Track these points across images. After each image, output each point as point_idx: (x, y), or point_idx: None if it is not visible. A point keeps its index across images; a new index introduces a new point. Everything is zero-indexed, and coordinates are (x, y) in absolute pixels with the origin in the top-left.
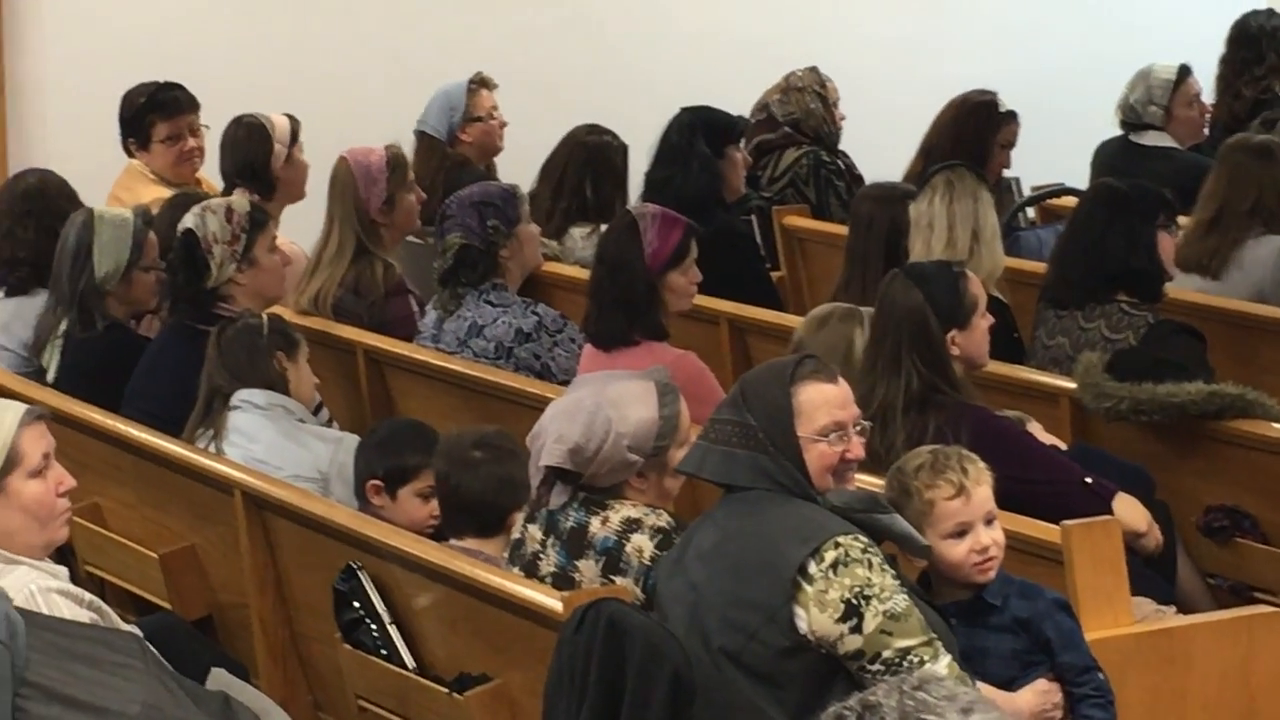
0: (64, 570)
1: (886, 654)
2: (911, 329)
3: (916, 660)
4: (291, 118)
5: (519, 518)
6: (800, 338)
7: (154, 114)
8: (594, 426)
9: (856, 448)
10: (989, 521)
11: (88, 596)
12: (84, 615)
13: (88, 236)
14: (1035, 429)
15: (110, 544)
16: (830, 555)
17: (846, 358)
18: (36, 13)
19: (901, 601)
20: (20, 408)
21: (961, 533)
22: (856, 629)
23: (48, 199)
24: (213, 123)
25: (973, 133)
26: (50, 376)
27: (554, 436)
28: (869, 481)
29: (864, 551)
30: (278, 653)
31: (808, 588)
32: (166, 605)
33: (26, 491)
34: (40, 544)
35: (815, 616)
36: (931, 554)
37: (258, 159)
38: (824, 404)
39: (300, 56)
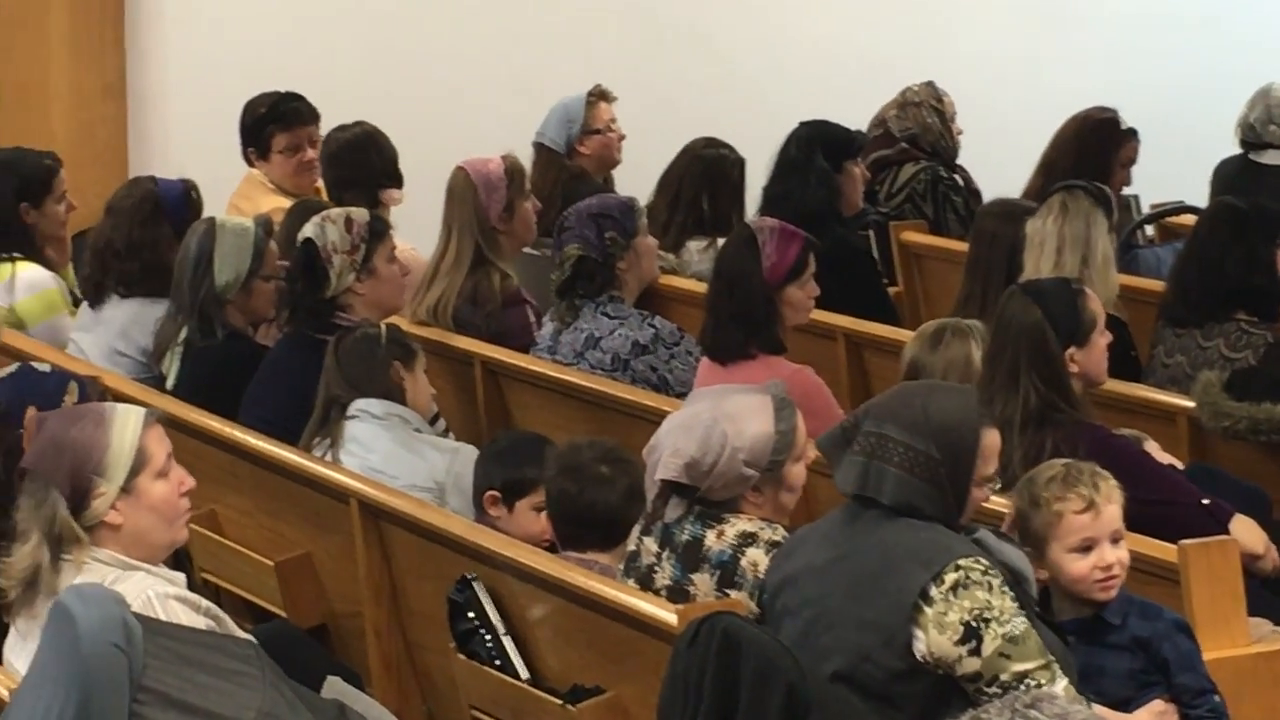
0: (181, 576)
1: (1004, 677)
2: (1030, 346)
3: (1034, 684)
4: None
5: (635, 530)
6: (915, 356)
7: (274, 124)
8: (710, 440)
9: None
10: (1115, 540)
11: (204, 603)
12: (201, 622)
13: (209, 245)
14: (1152, 448)
15: (226, 551)
16: (951, 577)
17: (966, 374)
18: (159, 21)
19: (1021, 624)
20: (140, 410)
21: (1087, 548)
22: (975, 651)
23: (156, 206)
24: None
25: (1095, 150)
26: (169, 384)
27: (670, 450)
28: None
29: (984, 574)
30: (392, 662)
31: (928, 610)
32: (282, 613)
33: (155, 491)
34: (167, 543)
35: (934, 638)
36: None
37: (384, 167)
38: (994, 450)
39: (417, 68)
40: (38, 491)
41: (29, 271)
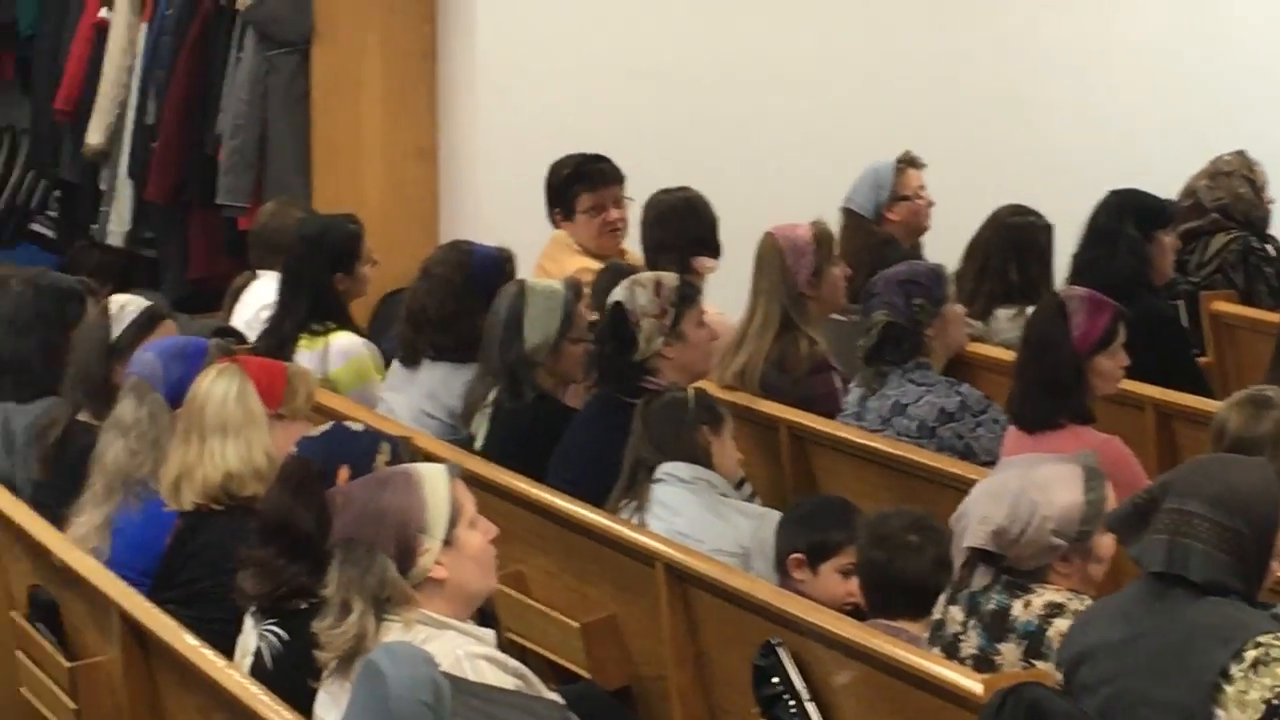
0: (491, 635)
1: None
2: None
3: None
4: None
5: (941, 599)
6: (1238, 428)
7: (579, 185)
8: (1019, 508)
9: None
10: None
11: (513, 663)
12: (509, 682)
13: (519, 308)
14: None
15: (533, 612)
16: (1251, 654)
17: None
18: (470, 86)
19: None
20: (441, 466)
21: None
22: None
23: (470, 277)
24: (638, 195)
25: None
26: (478, 445)
27: (978, 518)
28: None
29: None
30: None
31: (1228, 689)
32: (586, 674)
33: (472, 541)
34: (484, 591)
35: (1235, 717)
36: None
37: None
38: None
39: (727, 134)
40: (361, 560)
41: (342, 340)
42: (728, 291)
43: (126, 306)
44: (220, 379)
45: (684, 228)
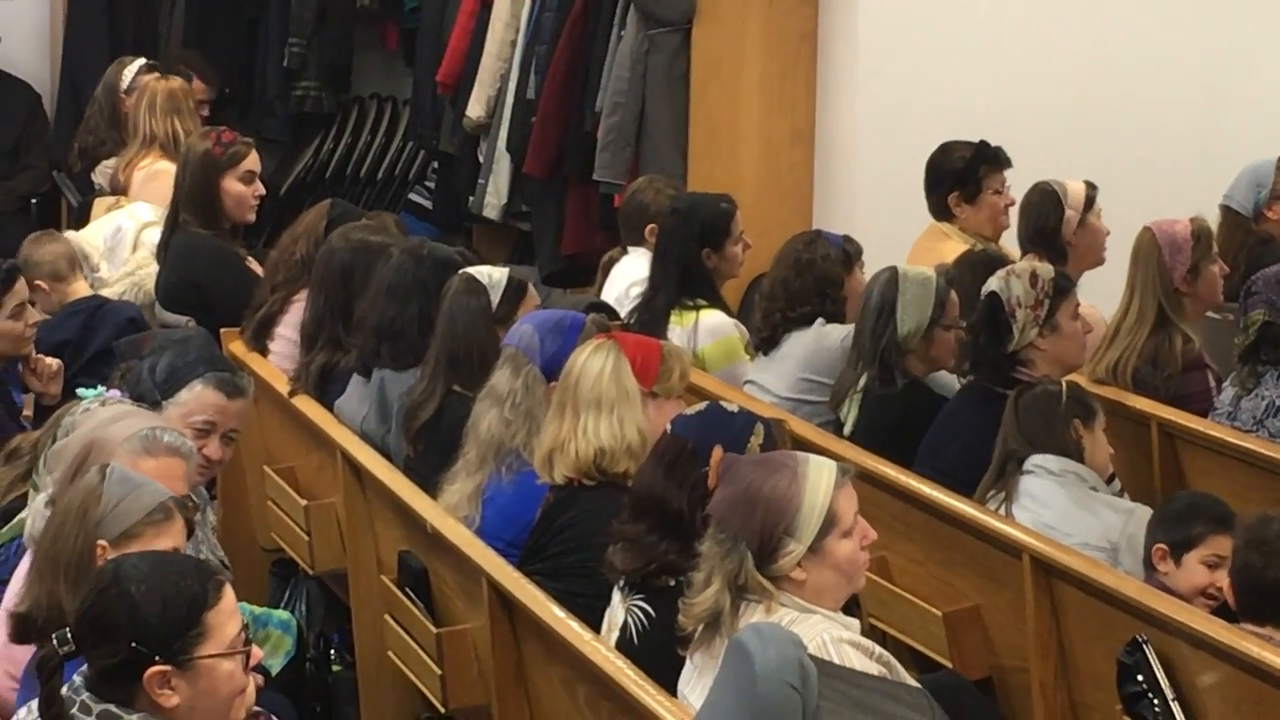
0: (855, 622)
1: None
2: None
3: None
4: (1089, 184)
5: None
6: None
7: (986, 165)
8: None
9: None
10: None
11: (877, 650)
12: (873, 668)
13: (891, 294)
14: None
15: (896, 599)
16: None
17: None
18: (850, 72)
19: None
20: (833, 465)
21: None
22: None
23: (817, 236)
24: (1018, 189)
25: None
26: (846, 430)
27: None
28: None
29: None
30: (1057, 719)
31: None
32: (947, 663)
33: (840, 551)
34: (844, 596)
35: None
36: None
37: (1048, 224)
38: None
39: (1108, 125)
40: (725, 542)
41: (711, 318)
42: (1101, 284)
43: (493, 277)
44: (596, 355)
45: (1051, 219)
